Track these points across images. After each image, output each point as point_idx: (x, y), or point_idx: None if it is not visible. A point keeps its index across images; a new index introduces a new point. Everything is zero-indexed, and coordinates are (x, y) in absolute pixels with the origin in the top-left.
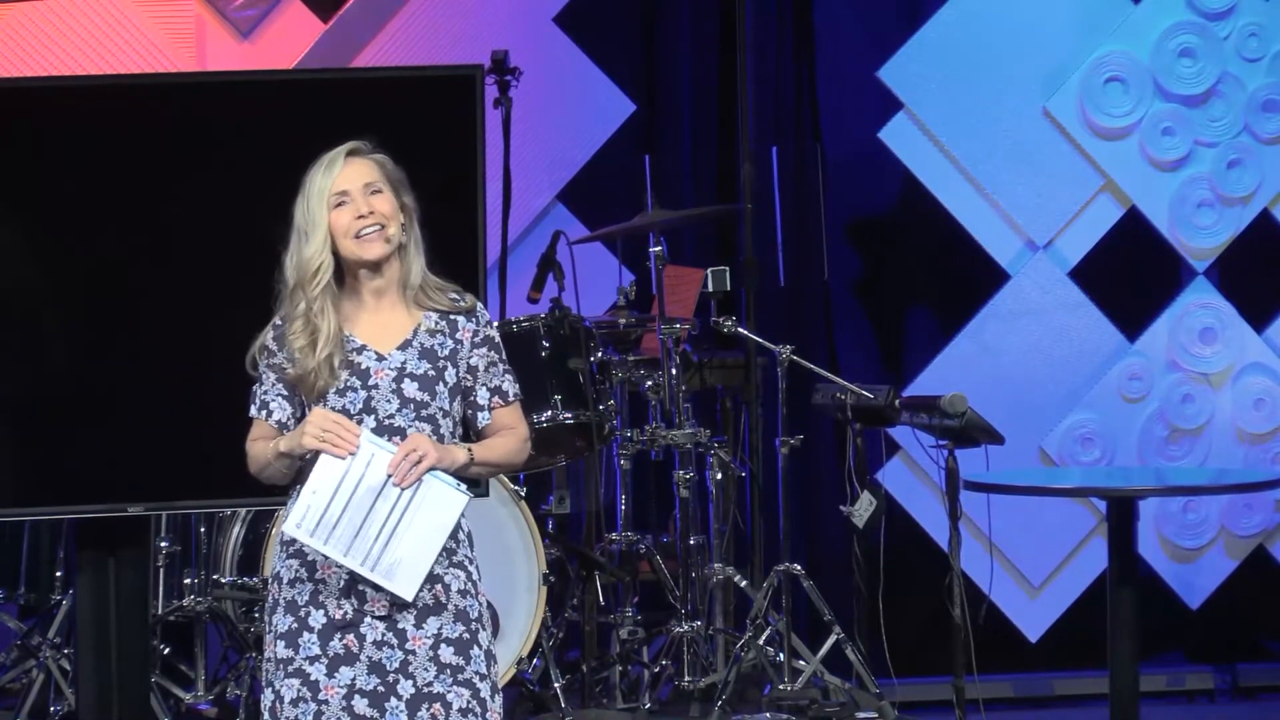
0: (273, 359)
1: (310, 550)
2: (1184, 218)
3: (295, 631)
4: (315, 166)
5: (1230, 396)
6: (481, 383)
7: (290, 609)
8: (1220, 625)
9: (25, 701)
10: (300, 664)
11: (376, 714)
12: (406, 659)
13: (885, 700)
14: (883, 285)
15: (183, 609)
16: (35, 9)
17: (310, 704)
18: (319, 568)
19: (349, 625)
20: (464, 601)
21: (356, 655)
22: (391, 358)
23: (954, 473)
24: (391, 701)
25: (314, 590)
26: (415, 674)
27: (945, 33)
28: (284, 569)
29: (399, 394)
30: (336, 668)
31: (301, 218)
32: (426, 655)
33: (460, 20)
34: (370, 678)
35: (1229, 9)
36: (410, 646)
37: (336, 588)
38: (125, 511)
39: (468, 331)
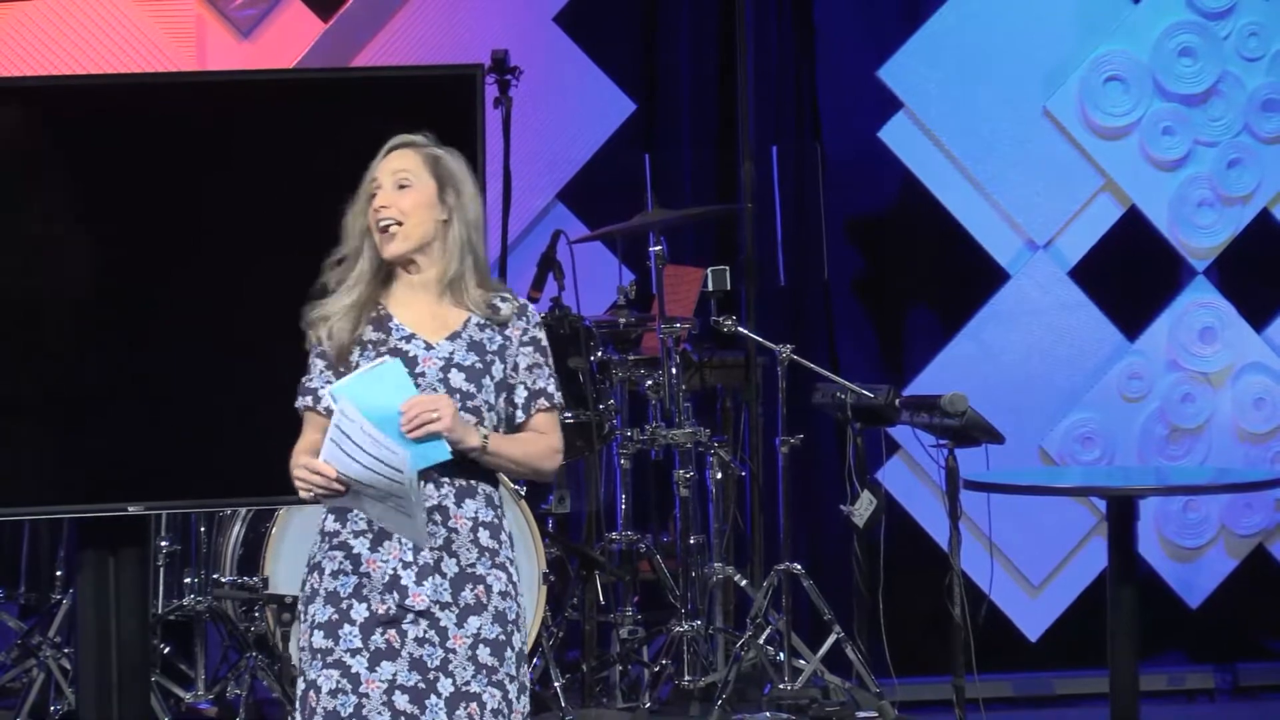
0: (319, 347)
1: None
2: (1184, 217)
3: (335, 623)
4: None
5: (1230, 396)
6: (521, 381)
7: (331, 600)
8: (1220, 624)
9: (26, 701)
10: (340, 655)
11: (417, 710)
12: (447, 657)
13: (885, 699)
14: (883, 285)
15: (183, 608)
16: (35, 8)
17: (350, 696)
18: (364, 561)
19: (391, 621)
20: (504, 603)
21: (398, 651)
22: (439, 347)
23: (954, 472)
24: (431, 699)
25: (358, 584)
26: (454, 673)
27: (945, 32)
28: (326, 560)
29: (445, 384)
30: (378, 662)
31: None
32: (465, 655)
33: (460, 20)
34: (411, 674)
35: (1229, 8)
36: (451, 645)
37: (380, 582)
38: (125, 511)
39: (517, 329)
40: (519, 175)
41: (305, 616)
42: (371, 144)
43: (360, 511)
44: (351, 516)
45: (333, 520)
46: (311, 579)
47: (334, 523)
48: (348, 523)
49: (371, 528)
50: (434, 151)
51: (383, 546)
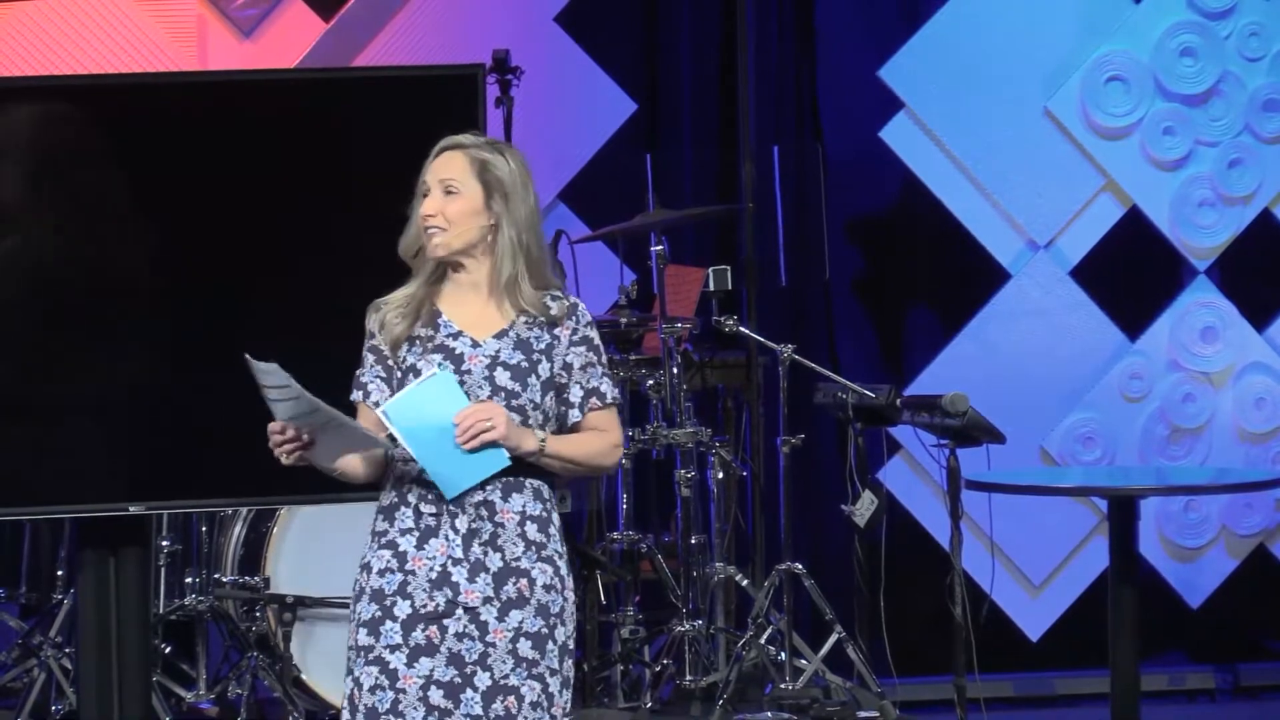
0: (371, 340)
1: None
2: (1185, 217)
3: (378, 620)
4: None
5: (1231, 396)
6: (576, 381)
7: (376, 597)
8: (1221, 624)
9: (27, 700)
10: (380, 652)
11: (451, 705)
12: (486, 651)
13: (887, 699)
14: (884, 284)
15: (184, 608)
16: (36, 8)
17: (388, 692)
18: (409, 559)
19: (436, 617)
20: (547, 596)
21: (437, 647)
22: (486, 345)
23: (955, 472)
24: (467, 693)
25: (403, 581)
26: (493, 666)
27: (946, 33)
28: (375, 559)
29: (491, 381)
30: (417, 658)
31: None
32: (505, 648)
33: (461, 20)
34: (448, 669)
35: (1230, 8)
36: (491, 639)
37: (427, 579)
38: (126, 511)
39: (567, 329)
40: None
41: (353, 615)
42: (374, 144)
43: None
44: (398, 515)
45: (381, 520)
46: (360, 578)
47: (383, 522)
48: (395, 521)
49: (418, 525)
50: (482, 156)
51: (429, 544)
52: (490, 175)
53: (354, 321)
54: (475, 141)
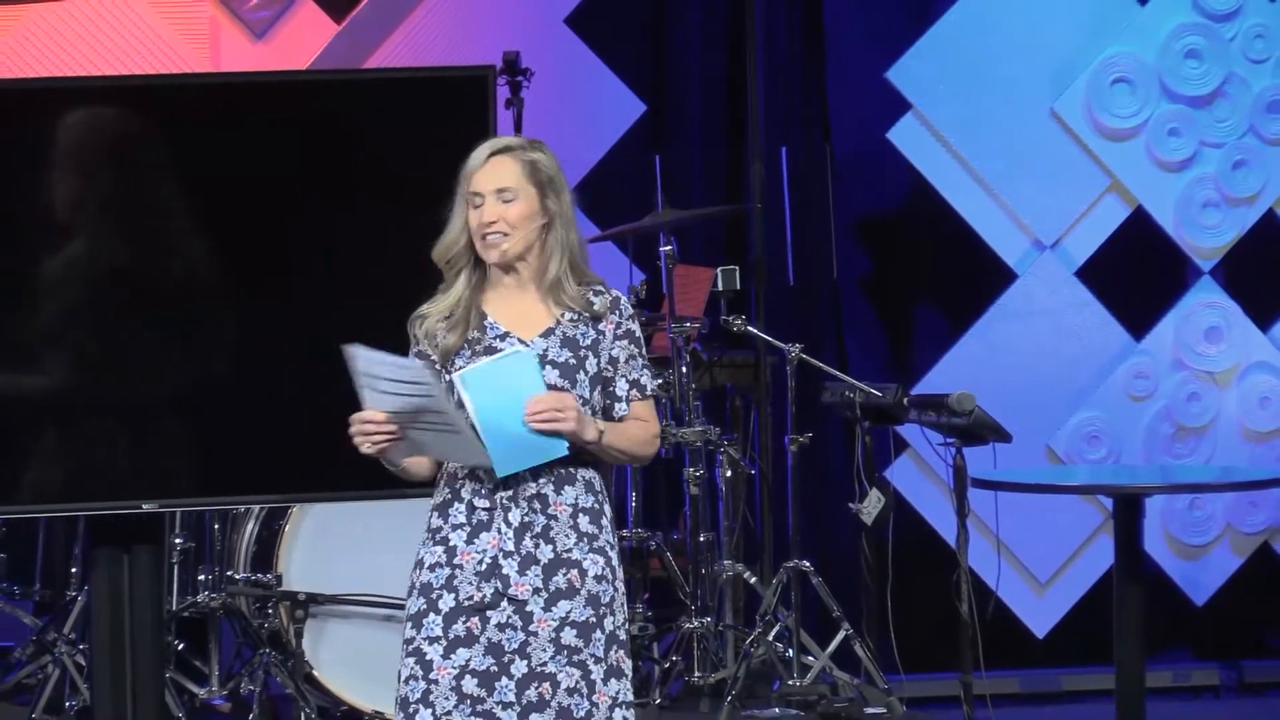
0: (417, 347)
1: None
2: (1190, 218)
3: (423, 613)
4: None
5: (1235, 395)
6: (621, 374)
7: (424, 591)
8: (1226, 622)
9: (41, 696)
10: (419, 644)
11: (484, 693)
12: (526, 640)
13: (894, 696)
14: (891, 284)
15: (197, 605)
16: (51, 10)
17: (420, 682)
18: (458, 553)
19: (481, 609)
20: (598, 587)
21: (476, 638)
22: (534, 344)
23: (962, 470)
24: (502, 681)
25: (450, 575)
26: (531, 655)
27: (953, 34)
28: (427, 554)
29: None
30: (454, 649)
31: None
32: (548, 637)
33: (472, 22)
34: (485, 658)
35: (1235, 10)
36: (534, 629)
37: (475, 571)
38: (140, 508)
39: (610, 323)
40: None
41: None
42: (386, 145)
43: (420, 452)
44: (451, 511)
45: (436, 517)
46: (413, 574)
47: (437, 519)
48: (449, 517)
49: (470, 520)
50: (530, 156)
51: (479, 538)
52: (542, 175)
53: (365, 320)
54: (520, 143)
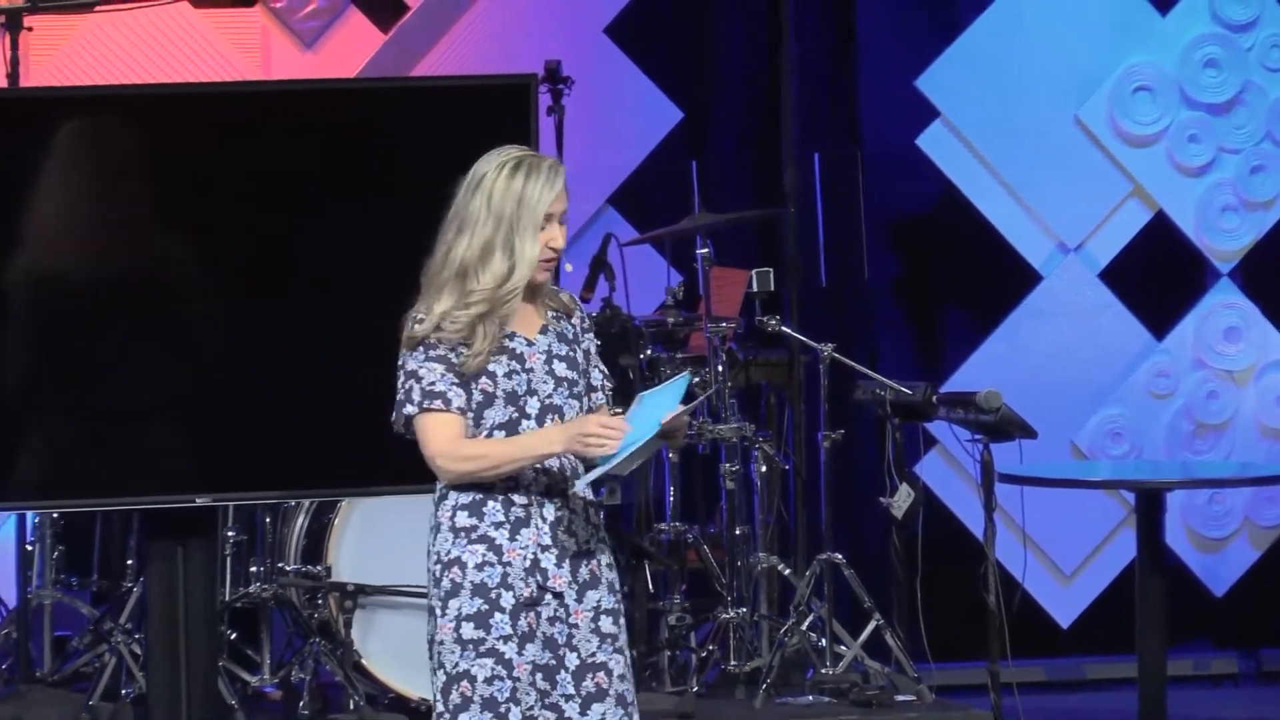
0: (433, 351)
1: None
2: (1209, 221)
3: (486, 613)
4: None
5: (1253, 393)
6: (594, 365)
7: (479, 592)
8: (1244, 612)
9: (98, 684)
10: (493, 644)
11: (549, 687)
12: (571, 632)
13: (923, 684)
14: (920, 286)
15: (249, 596)
16: (108, 19)
17: (505, 681)
18: (505, 551)
19: (532, 604)
20: (611, 575)
21: (535, 633)
22: (539, 342)
23: (989, 466)
24: (561, 674)
25: (503, 573)
26: (579, 646)
27: (980, 44)
28: (467, 555)
29: (552, 374)
30: (524, 645)
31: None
32: (588, 627)
33: (514, 31)
34: (545, 653)
35: (1252, 21)
36: (573, 620)
37: (522, 568)
38: (194, 502)
39: (577, 318)
40: (571, 180)
41: (446, 610)
42: (432, 151)
43: (612, 462)
44: (486, 510)
45: (466, 516)
46: (452, 573)
47: (469, 518)
48: (484, 516)
49: (509, 517)
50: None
51: (520, 535)
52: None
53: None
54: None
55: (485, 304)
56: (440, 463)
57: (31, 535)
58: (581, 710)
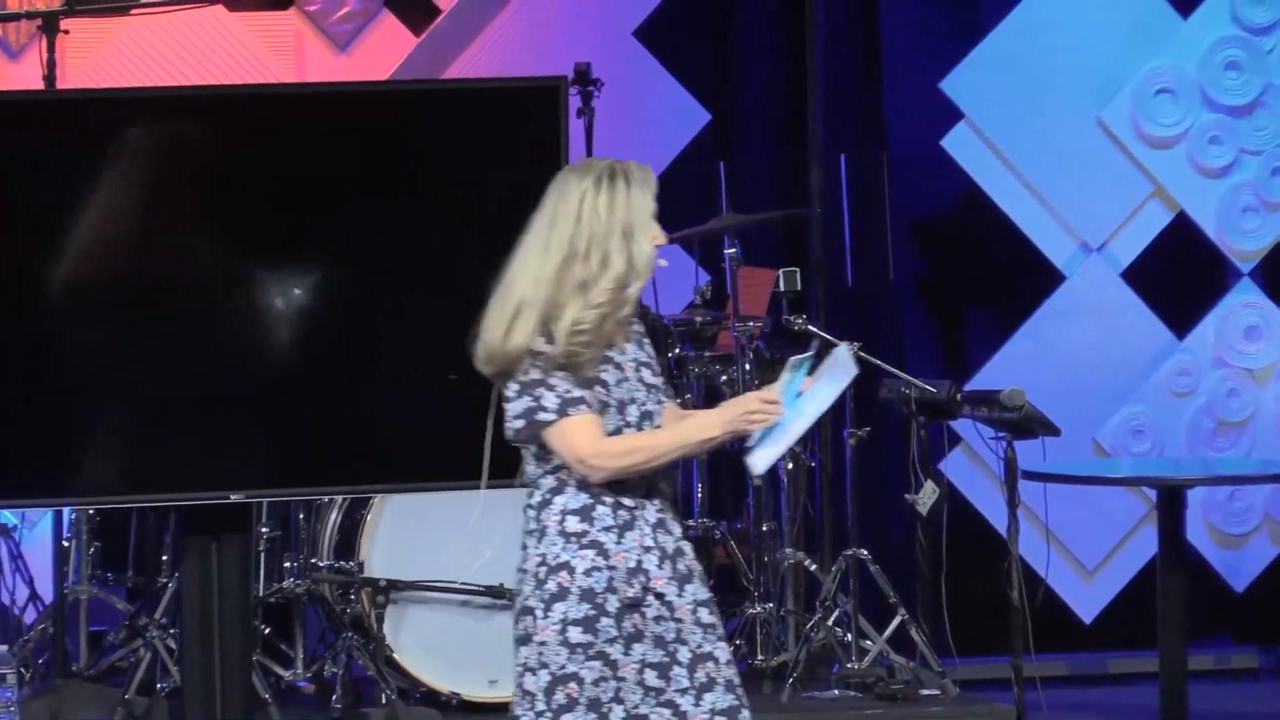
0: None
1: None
2: (1230, 222)
3: (593, 618)
4: (625, 178)
5: (1274, 391)
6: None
7: (586, 597)
8: (1265, 607)
9: (133, 678)
10: (601, 647)
11: (664, 683)
12: (678, 628)
13: (947, 678)
14: (945, 285)
15: (282, 591)
16: (144, 23)
17: (611, 682)
18: (611, 554)
19: (635, 605)
20: (698, 565)
21: (643, 633)
22: (628, 351)
23: (1012, 463)
24: (675, 670)
25: (609, 577)
26: (687, 639)
27: (1003, 47)
28: (576, 560)
29: (643, 382)
30: (630, 646)
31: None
32: (691, 620)
33: (545, 34)
34: (656, 651)
35: (1273, 24)
36: (678, 615)
37: (626, 569)
38: (228, 499)
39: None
40: None
41: (550, 612)
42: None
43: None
44: (596, 514)
45: (576, 521)
46: (559, 577)
47: (579, 523)
48: (594, 521)
49: (616, 520)
50: None
51: (625, 538)
52: None
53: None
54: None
55: (609, 305)
56: (595, 461)
57: (68, 531)
58: (695, 702)
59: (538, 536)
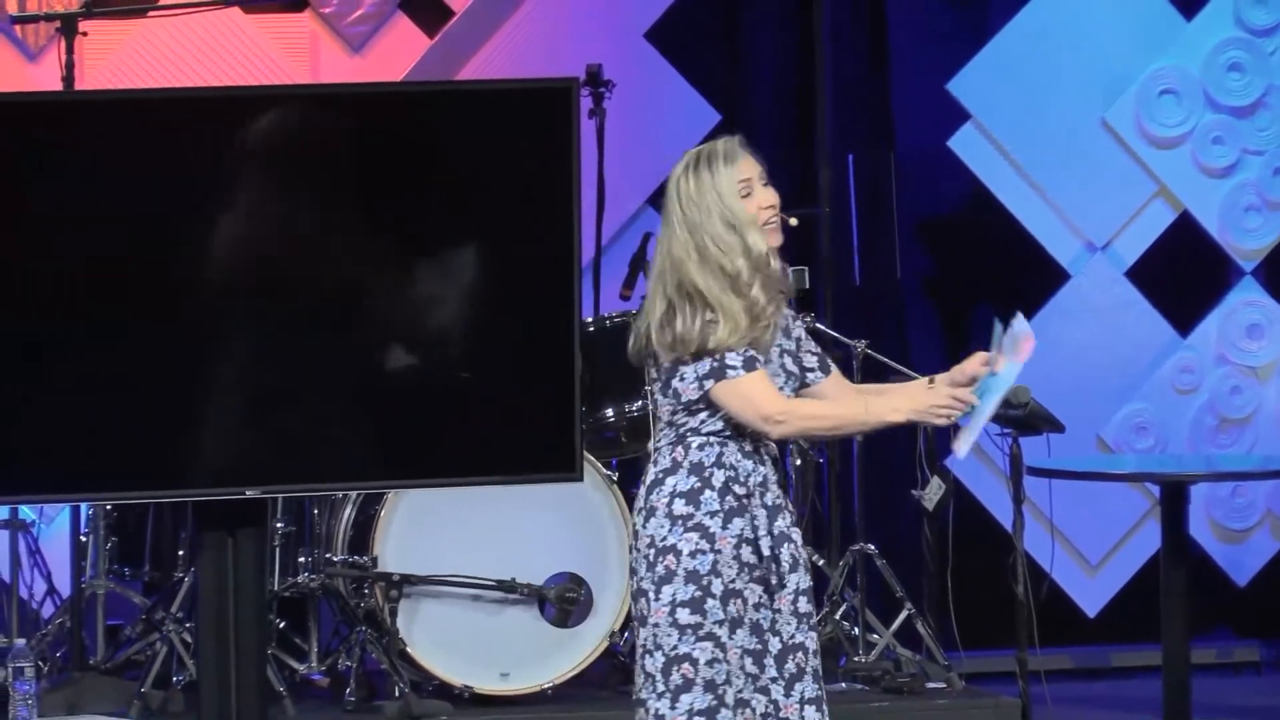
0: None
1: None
2: (1233, 221)
3: (700, 599)
4: (705, 161)
5: (1275, 388)
6: (806, 349)
7: (692, 579)
8: (1266, 601)
9: (150, 671)
10: (710, 628)
11: (758, 670)
12: (774, 617)
13: (953, 671)
14: (952, 284)
15: (297, 586)
16: (160, 24)
17: (722, 664)
18: (716, 539)
19: (739, 591)
20: (804, 554)
21: (743, 618)
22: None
23: (1018, 459)
24: (767, 659)
25: (714, 560)
26: (780, 629)
27: (1010, 48)
28: (682, 542)
29: (783, 369)
30: (734, 630)
31: (723, 212)
32: (789, 610)
33: (557, 36)
34: (752, 638)
35: (1275, 26)
36: (777, 605)
37: (731, 555)
38: (244, 495)
39: (788, 311)
40: (612, 181)
41: (660, 595)
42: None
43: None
44: (703, 499)
45: (683, 504)
46: (666, 560)
47: (685, 506)
48: (700, 505)
49: (723, 506)
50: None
51: (733, 523)
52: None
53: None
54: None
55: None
56: (781, 417)
57: (85, 527)
58: (785, 692)
59: (646, 516)
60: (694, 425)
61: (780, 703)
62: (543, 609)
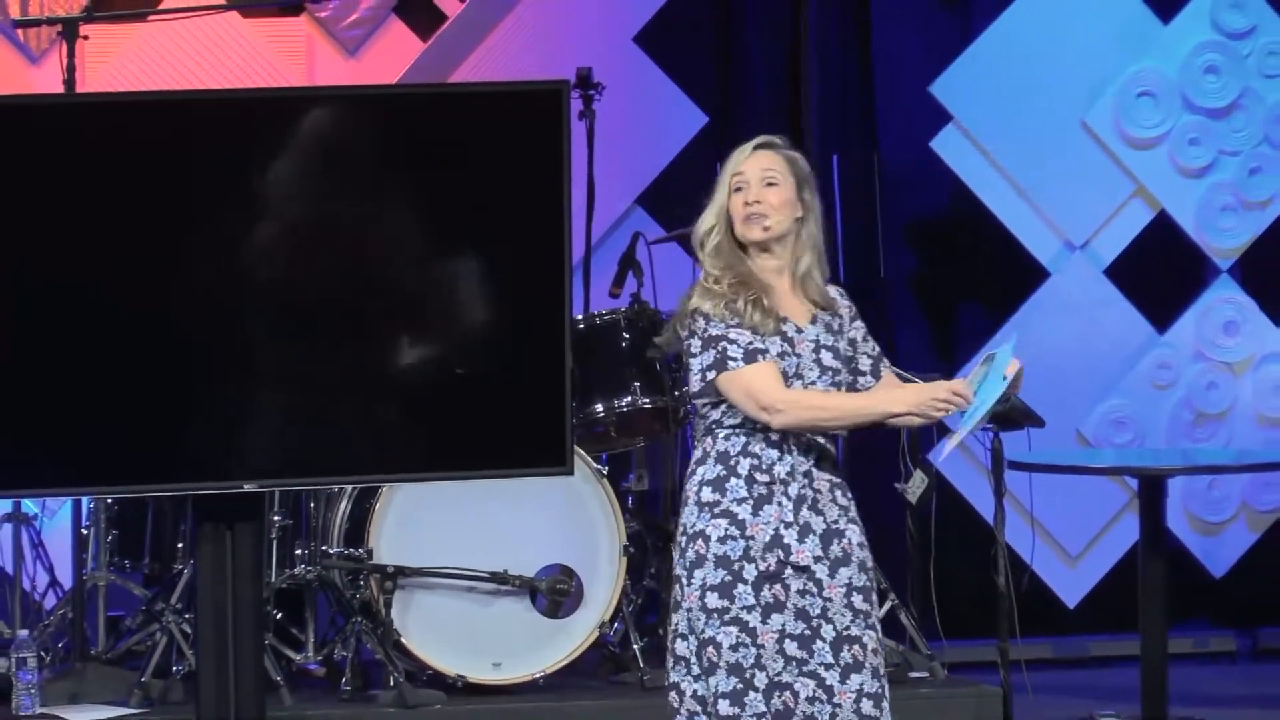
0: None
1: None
2: (1209, 220)
3: (729, 584)
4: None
5: (1251, 384)
6: (863, 352)
7: (722, 564)
8: (1242, 592)
9: (150, 661)
10: (737, 613)
11: (805, 655)
12: (825, 605)
13: (936, 661)
14: (935, 282)
15: (294, 578)
16: (158, 28)
17: (750, 649)
18: (748, 526)
19: (773, 577)
20: (863, 553)
21: (784, 604)
22: (808, 330)
23: (999, 453)
24: (817, 644)
25: (745, 547)
26: (834, 619)
27: (990, 52)
28: (710, 528)
29: (819, 363)
30: (769, 615)
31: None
32: (842, 602)
33: (548, 40)
34: (797, 623)
35: (1250, 29)
36: (827, 594)
37: (763, 542)
38: (241, 488)
39: (844, 308)
40: (601, 182)
41: (691, 580)
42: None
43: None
44: (729, 486)
45: (710, 491)
46: (695, 546)
47: (712, 494)
48: (726, 492)
49: (751, 494)
50: (791, 153)
51: (763, 511)
52: (800, 170)
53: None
54: (783, 141)
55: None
56: (782, 406)
57: (87, 520)
58: (841, 679)
59: (683, 505)
60: (717, 417)
61: (835, 688)
62: (534, 600)
